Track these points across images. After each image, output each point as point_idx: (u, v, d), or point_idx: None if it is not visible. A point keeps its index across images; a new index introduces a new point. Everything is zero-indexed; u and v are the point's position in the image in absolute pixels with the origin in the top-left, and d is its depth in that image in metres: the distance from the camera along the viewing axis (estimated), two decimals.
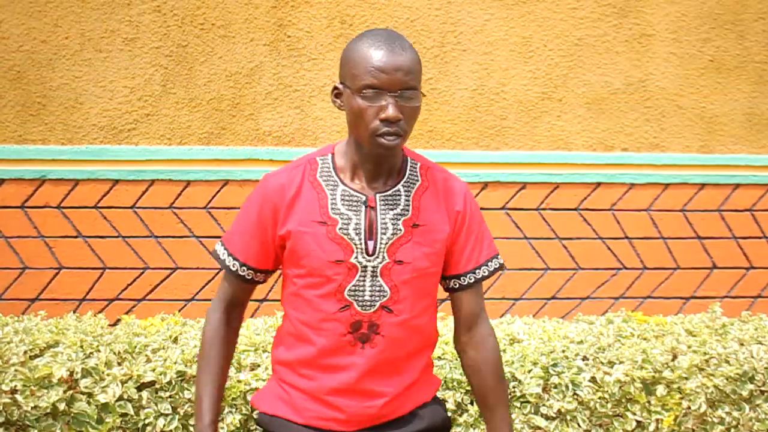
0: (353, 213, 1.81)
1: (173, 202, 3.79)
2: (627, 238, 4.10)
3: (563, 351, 3.20)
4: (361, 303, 1.82)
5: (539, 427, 3.07)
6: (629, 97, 4.06)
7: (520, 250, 4.01)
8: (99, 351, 2.97)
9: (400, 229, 1.82)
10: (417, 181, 1.87)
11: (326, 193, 1.83)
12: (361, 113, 1.75)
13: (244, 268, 1.90)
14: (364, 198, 1.82)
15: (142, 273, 3.79)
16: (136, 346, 3.03)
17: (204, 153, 3.79)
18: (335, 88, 1.82)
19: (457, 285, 1.91)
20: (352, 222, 1.81)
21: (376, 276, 1.82)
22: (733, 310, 4.09)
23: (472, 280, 1.90)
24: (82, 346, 3.00)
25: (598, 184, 4.05)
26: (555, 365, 3.12)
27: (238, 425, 2.89)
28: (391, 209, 1.82)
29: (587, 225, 4.06)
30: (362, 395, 1.84)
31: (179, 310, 3.76)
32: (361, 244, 1.81)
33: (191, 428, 2.89)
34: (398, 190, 1.84)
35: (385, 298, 1.82)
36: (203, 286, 3.81)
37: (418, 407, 1.91)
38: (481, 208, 3.93)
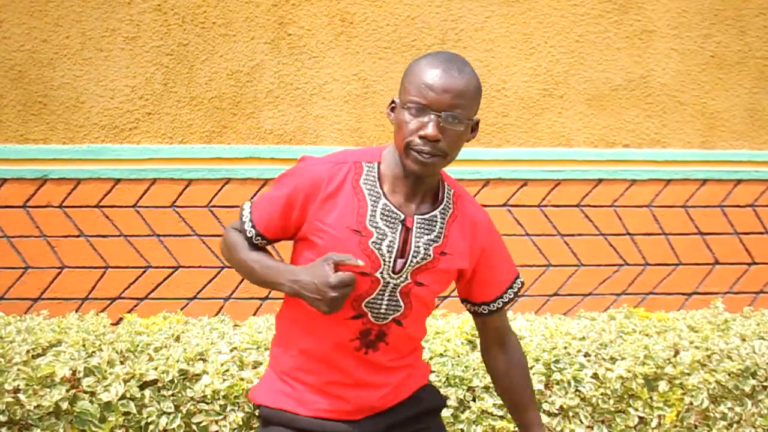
0: (389, 230, 1.81)
1: (175, 201, 3.79)
2: (629, 234, 4.10)
3: (565, 347, 3.21)
4: (375, 315, 1.85)
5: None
6: (630, 94, 4.06)
7: (521, 247, 4.01)
8: (101, 350, 2.98)
9: (430, 255, 1.84)
10: (450, 208, 1.89)
11: (367, 204, 1.81)
12: (403, 126, 1.76)
13: (259, 238, 1.91)
14: (402, 217, 1.83)
15: (144, 272, 3.80)
16: (138, 345, 3.03)
17: (205, 152, 3.79)
18: (393, 101, 1.84)
19: (486, 311, 2.00)
20: (387, 238, 1.81)
21: (395, 293, 1.84)
22: (735, 305, 4.09)
23: (500, 305, 2.01)
24: (84, 345, 3.00)
25: (600, 180, 4.05)
26: (557, 362, 3.12)
27: (241, 423, 2.89)
28: (426, 234, 1.84)
29: (589, 221, 4.06)
30: (364, 387, 1.89)
31: (181, 309, 3.77)
32: (390, 261, 1.82)
33: (194, 427, 2.89)
34: (435, 216, 1.86)
35: (398, 313, 1.86)
36: (205, 285, 3.81)
37: (417, 390, 1.99)
38: (483, 206, 3.97)
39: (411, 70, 1.79)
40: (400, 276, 1.83)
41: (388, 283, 1.83)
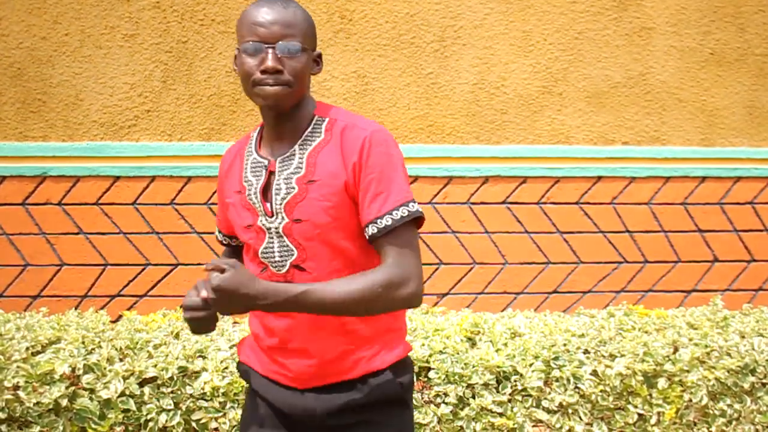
0: (255, 179, 1.89)
1: (174, 198, 3.79)
2: (628, 231, 4.10)
3: (565, 344, 3.21)
4: (273, 264, 1.87)
5: (541, 421, 3.07)
6: (629, 91, 4.06)
7: (521, 244, 4.01)
8: (101, 347, 2.98)
9: (294, 188, 1.84)
10: (318, 137, 1.87)
11: (243, 164, 1.93)
12: (244, 68, 1.82)
13: (220, 234, 2.13)
14: (265, 163, 1.88)
15: (144, 269, 3.80)
16: (137, 342, 3.03)
17: (204, 149, 3.79)
18: (235, 56, 1.91)
19: (366, 235, 1.82)
20: (253, 187, 1.88)
21: (282, 236, 1.85)
22: (734, 302, 4.10)
23: (375, 231, 1.79)
24: (84, 343, 3.00)
25: (599, 177, 4.05)
26: (556, 359, 3.12)
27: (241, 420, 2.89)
28: (286, 169, 1.86)
29: (588, 219, 4.06)
30: (298, 354, 1.87)
31: (181, 306, 3.76)
32: (260, 206, 1.87)
33: (193, 424, 2.90)
34: (294, 150, 1.87)
35: (293, 257, 1.85)
36: None
37: (369, 374, 1.88)
38: (482, 203, 3.98)
39: (241, 18, 1.87)
40: (276, 218, 1.85)
41: (269, 228, 1.86)
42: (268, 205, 1.86)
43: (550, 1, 3.98)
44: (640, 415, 3.15)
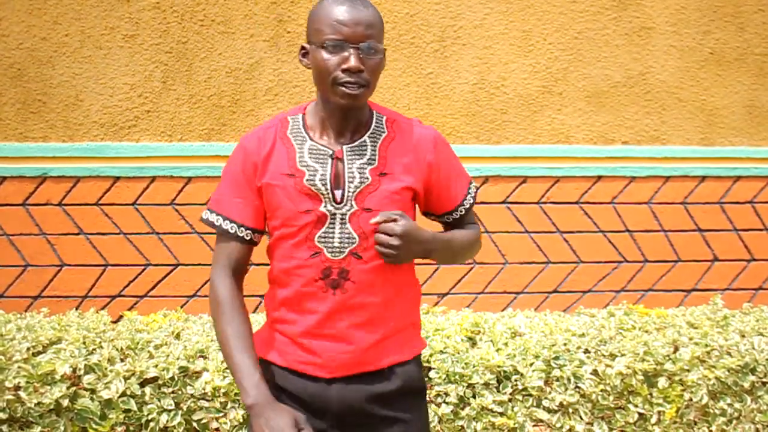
0: (320, 165, 1.89)
1: (174, 199, 3.79)
2: (628, 231, 4.10)
3: (565, 344, 3.21)
4: (330, 250, 1.89)
5: (541, 420, 3.07)
6: (629, 91, 4.06)
7: (521, 244, 4.01)
8: (102, 347, 2.98)
9: (367, 178, 1.90)
10: (383, 132, 1.95)
11: (294, 148, 1.91)
12: (324, 65, 1.84)
13: (243, 228, 1.95)
14: (330, 151, 1.90)
15: (144, 269, 3.80)
16: (138, 342, 3.04)
17: (205, 149, 3.79)
18: (302, 47, 1.92)
19: (451, 219, 2.06)
20: (318, 173, 1.88)
21: (345, 223, 1.89)
22: (734, 302, 4.10)
23: (463, 212, 2.06)
24: (84, 343, 3.01)
25: (599, 177, 4.05)
26: (557, 358, 3.12)
27: (241, 420, 2.90)
28: (358, 159, 1.90)
29: (588, 218, 4.06)
30: (336, 339, 1.91)
31: (181, 306, 3.77)
32: (328, 193, 1.88)
33: (194, 424, 2.90)
34: (365, 141, 1.92)
35: (354, 245, 1.89)
36: (205, 282, 3.81)
37: (396, 365, 1.96)
38: (482, 203, 3.98)
39: (318, 13, 1.87)
40: (345, 204, 1.89)
41: (335, 214, 1.88)
42: (339, 192, 1.89)
43: (550, 1, 3.98)
44: (640, 414, 3.15)
